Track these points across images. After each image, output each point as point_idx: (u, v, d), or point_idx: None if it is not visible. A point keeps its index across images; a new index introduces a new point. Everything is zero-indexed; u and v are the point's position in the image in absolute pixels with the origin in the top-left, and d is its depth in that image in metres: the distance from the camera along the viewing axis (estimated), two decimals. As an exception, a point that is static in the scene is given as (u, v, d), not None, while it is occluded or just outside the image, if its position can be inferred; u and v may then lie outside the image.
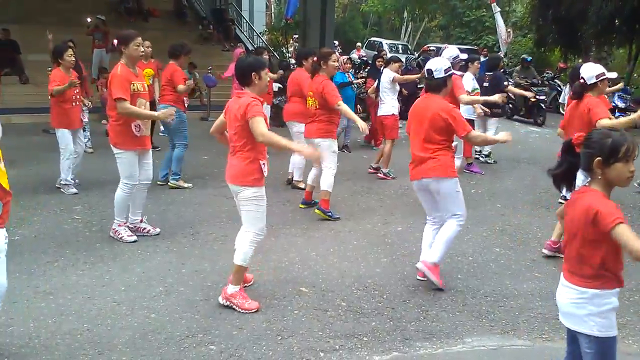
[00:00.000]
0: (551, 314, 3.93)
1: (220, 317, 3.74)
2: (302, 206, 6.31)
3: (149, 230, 5.24)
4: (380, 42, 25.58)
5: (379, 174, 7.83)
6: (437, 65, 4.22)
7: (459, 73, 7.42)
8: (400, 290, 4.27)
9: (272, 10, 31.91)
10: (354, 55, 17.85)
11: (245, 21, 21.19)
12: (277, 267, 4.62)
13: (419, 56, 18.85)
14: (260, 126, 3.60)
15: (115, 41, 4.98)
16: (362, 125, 5.71)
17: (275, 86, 10.98)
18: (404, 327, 3.71)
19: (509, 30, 21.67)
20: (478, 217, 6.14)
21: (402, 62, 8.86)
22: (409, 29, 34.49)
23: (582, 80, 4.81)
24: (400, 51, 24.45)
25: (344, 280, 4.41)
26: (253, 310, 3.80)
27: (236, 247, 3.86)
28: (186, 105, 7.04)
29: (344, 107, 5.70)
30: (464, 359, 3.39)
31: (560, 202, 5.65)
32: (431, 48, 21.70)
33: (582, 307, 2.36)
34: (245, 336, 3.52)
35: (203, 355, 3.31)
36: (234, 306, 3.82)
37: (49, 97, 6.49)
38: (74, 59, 6.55)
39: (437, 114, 4.09)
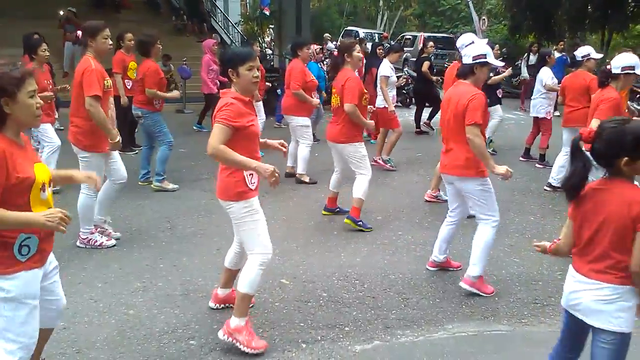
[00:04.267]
0: (530, 299, 3.98)
1: (201, 312, 3.70)
2: (325, 213, 5.72)
3: (110, 232, 4.89)
4: (357, 32, 25.51)
5: (379, 162, 7.69)
6: (467, 50, 4.00)
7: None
8: (381, 279, 4.28)
9: (247, 1, 31.57)
10: (331, 44, 17.77)
11: (220, 12, 20.91)
12: (257, 260, 4.57)
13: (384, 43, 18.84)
14: (215, 136, 3.03)
15: (79, 32, 4.64)
16: (370, 126, 5.53)
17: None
18: (385, 316, 3.71)
19: (483, 18, 21.82)
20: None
21: (402, 51, 8.76)
22: (384, 18, 34.49)
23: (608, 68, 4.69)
24: (377, 40, 24.42)
25: (324, 270, 4.40)
26: (260, 351, 3.20)
27: (241, 273, 3.32)
28: (156, 105, 6.33)
29: (353, 110, 5.08)
30: (445, 345, 3.40)
31: None
32: (407, 37, 21.72)
33: (612, 303, 2.27)
34: (226, 330, 3.49)
35: (183, 350, 3.27)
36: (238, 344, 3.18)
37: None
38: (48, 54, 6.17)
39: (458, 102, 3.86)
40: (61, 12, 13.17)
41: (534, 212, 5.92)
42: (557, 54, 13.95)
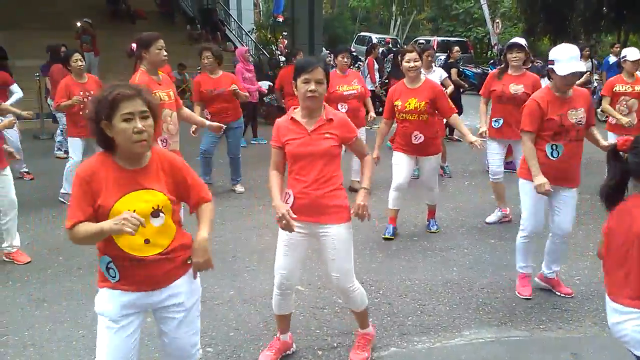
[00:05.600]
0: (548, 304, 3.94)
1: (217, 319, 3.72)
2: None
3: None
4: (370, 37, 25.56)
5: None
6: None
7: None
8: (397, 285, 4.26)
9: (260, 8, 31.81)
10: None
11: (233, 20, 21.08)
12: (273, 267, 4.57)
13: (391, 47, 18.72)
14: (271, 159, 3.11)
15: (134, 45, 4.48)
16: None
17: (265, 84, 10.94)
18: (401, 322, 3.70)
19: (497, 21, 21.74)
20: (472, 209, 6.15)
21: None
22: (397, 23, 34.49)
23: None
24: (390, 45, 24.43)
25: (340, 277, 4.39)
26: None
27: None
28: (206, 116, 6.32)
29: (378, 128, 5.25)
30: (462, 351, 3.38)
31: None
32: (420, 41, 21.69)
33: None
34: (243, 337, 3.51)
35: (200, 357, 3.27)
36: None
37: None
38: (81, 64, 6.10)
39: None
40: (78, 24, 13.37)
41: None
42: (613, 58, 13.13)
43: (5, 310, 3.84)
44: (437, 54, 13.37)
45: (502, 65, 5.58)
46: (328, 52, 14.44)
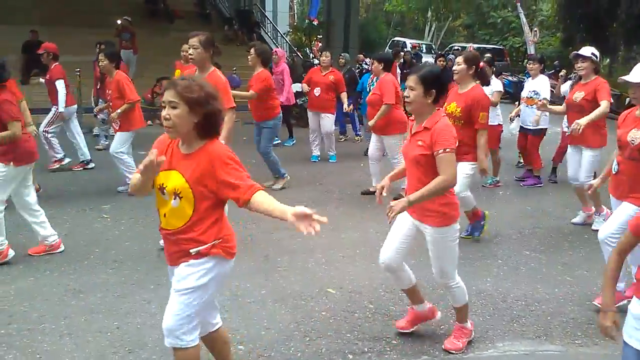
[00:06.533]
0: (584, 319, 3.85)
1: (249, 317, 3.74)
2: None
3: None
4: (404, 42, 25.47)
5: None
6: None
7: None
8: (429, 293, 4.21)
9: (296, 11, 31.97)
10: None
11: (269, 22, 21.25)
12: (304, 268, 4.60)
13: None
14: None
15: None
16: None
17: (298, 86, 10.97)
18: (433, 331, 3.66)
19: (535, 29, 21.40)
20: (507, 219, 6.05)
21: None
22: (432, 29, 34.24)
23: None
24: (424, 51, 24.29)
25: (371, 282, 4.37)
26: None
27: None
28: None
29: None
30: (495, 363, 3.33)
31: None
32: (456, 47, 21.52)
33: None
34: (274, 337, 3.52)
35: (232, 355, 3.30)
36: None
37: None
38: (102, 64, 6.32)
39: None
40: (118, 21, 13.67)
41: (588, 230, 5.74)
42: None
43: (43, 299, 3.93)
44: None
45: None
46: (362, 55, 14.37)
